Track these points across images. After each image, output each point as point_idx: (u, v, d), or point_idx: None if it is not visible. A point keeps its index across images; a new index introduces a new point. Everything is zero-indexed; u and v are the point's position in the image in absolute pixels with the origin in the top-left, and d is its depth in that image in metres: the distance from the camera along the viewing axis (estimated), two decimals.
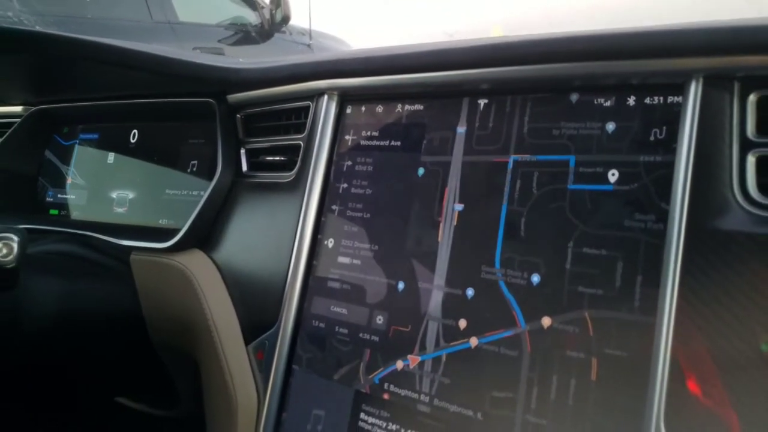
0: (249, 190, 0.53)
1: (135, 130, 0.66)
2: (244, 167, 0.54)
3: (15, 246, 0.42)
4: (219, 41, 3.28)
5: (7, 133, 0.71)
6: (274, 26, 3.40)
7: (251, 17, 3.51)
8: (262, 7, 3.45)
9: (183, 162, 0.62)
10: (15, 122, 0.72)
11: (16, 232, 0.43)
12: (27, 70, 0.64)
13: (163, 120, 0.64)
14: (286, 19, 3.37)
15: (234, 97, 0.55)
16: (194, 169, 0.61)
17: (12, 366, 0.53)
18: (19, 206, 0.71)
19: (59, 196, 0.71)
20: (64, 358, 0.56)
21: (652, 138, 0.33)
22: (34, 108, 0.71)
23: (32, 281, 0.49)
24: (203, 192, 0.55)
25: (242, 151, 0.55)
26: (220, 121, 0.55)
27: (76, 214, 0.69)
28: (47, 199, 0.72)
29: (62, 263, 0.54)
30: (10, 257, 0.42)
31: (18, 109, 0.73)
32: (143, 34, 3.00)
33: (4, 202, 0.69)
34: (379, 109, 0.45)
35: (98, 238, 0.58)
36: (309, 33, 3.60)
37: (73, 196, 0.70)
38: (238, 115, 0.55)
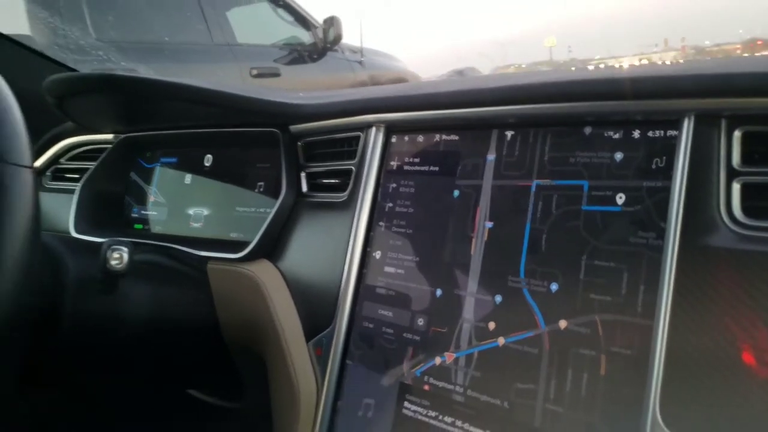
0: (308, 209, 0.60)
1: (209, 155, 0.76)
2: (304, 188, 0.62)
3: (125, 256, 0.52)
4: (275, 61, 3.42)
5: (100, 158, 0.81)
6: (327, 45, 3.53)
7: (305, 37, 3.65)
8: (316, 27, 3.58)
9: (251, 183, 0.70)
10: (107, 148, 0.82)
11: (126, 244, 0.52)
12: (117, 106, 0.75)
13: (234, 146, 0.72)
14: (338, 38, 3.49)
15: (295, 127, 0.63)
16: (261, 189, 0.69)
17: (108, 360, 0.62)
18: (110, 221, 0.81)
19: (143, 212, 0.81)
20: (148, 354, 0.65)
21: (653, 166, 0.39)
22: (122, 136, 0.81)
23: (128, 286, 0.58)
24: (269, 210, 0.64)
25: (302, 174, 0.62)
26: (284, 149, 0.63)
27: (157, 229, 0.79)
28: (132, 215, 0.82)
29: (150, 271, 0.63)
30: (121, 265, 0.51)
31: (109, 137, 0.83)
32: (205, 55, 3.18)
33: (99, 218, 0.80)
34: (420, 138, 0.52)
35: (178, 249, 0.67)
36: (360, 51, 3.71)
37: (155, 213, 0.80)
38: (299, 143, 0.63)
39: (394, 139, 0.54)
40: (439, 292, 0.47)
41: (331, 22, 3.48)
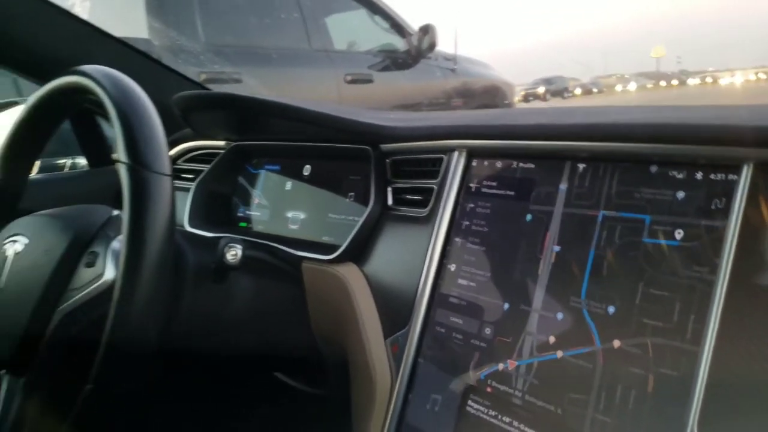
0: (392, 220, 0.67)
1: (308, 165, 0.84)
2: (390, 202, 0.68)
3: (239, 252, 0.61)
4: (369, 67, 3.54)
5: (213, 162, 0.93)
6: (420, 53, 3.59)
7: (399, 44, 3.73)
8: (411, 35, 3.66)
9: (343, 193, 0.78)
10: (219, 153, 0.93)
11: (239, 241, 0.61)
12: (232, 119, 0.86)
13: (330, 159, 0.81)
14: (432, 46, 3.55)
15: (386, 146, 0.70)
16: (351, 199, 0.77)
17: (213, 343, 0.72)
18: (218, 218, 0.92)
19: (247, 212, 0.91)
20: (247, 338, 0.74)
21: (712, 206, 0.42)
22: (233, 144, 0.92)
23: (236, 277, 0.68)
24: (358, 218, 0.71)
25: (389, 188, 0.69)
26: (374, 165, 0.70)
27: (259, 228, 0.88)
28: (238, 214, 0.93)
29: (254, 265, 0.72)
30: (236, 260, 0.61)
31: (221, 143, 0.94)
32: (304, 61, 3.34)
33: (209, 215, 0.91)
34: (499, 164, 0.57)
35: (277, 248, 0.76)
36: (454, 59, 3.75)
37: (258, 213, 0.90)
38: (388, 160, 0.70)
39: (474, 163, 0.59)
40: (506, 305, 0.52)
41: (427, 30, 3.55)
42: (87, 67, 0.59)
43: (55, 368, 0.55)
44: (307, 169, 0.84)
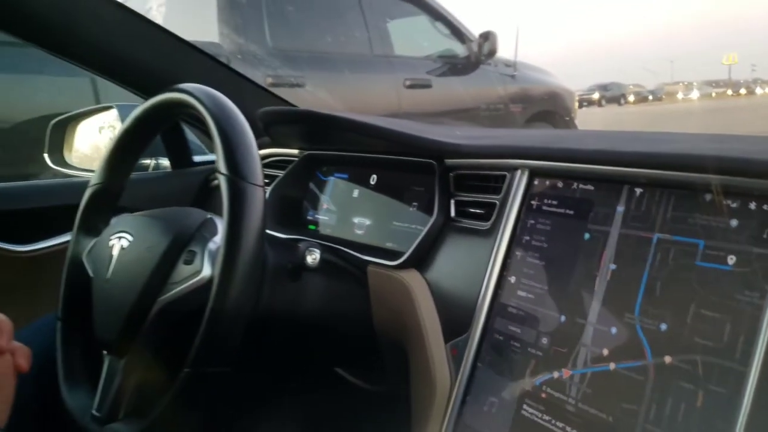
0: (454, 231, 0.72)
1: (374, 175, 0.90)
2: (453, 213, 0.73)
3: (318, 256, 0.67)
4: (428, 72, 3.59)
5: (287, 169, 0.99)
6: (480, 59, 3.61)
7: (459, 50, 3.76)
8: (471, 41, 3.67)
9: (407, 202, 0.83)
10: (293, 161, 1.00)
11: (317, 246, 0.67)
12: (306, 132, 0.92)
13: (396, 170, 0.86)
14: (492, 52, 3.57)
15: (450, 161, 0.74)
16: (415, 209, 0.82)
17: (283, 337, 0.78)
18: (290, 221, 0.99)
19: (316, 216, 0.98)
20: (314, 335, 0.80)
21: (765, 236, 0.44)
22: (306, 152, 0.99)
23: (308, 277, 0.74)
24: (421, 227, 0.76)
25: (452, 201, 0.74)
26: (438, 178, 0.75)
27: (327, 231, 0.95)
28: (308, 217, 0.99)
29: (325, 267, 0.78)
30: (315, 263, 0.67)
31: (295, 151, 1.01)
32: (365, 66, 3.42)
33: (282, 217, 0.97)
34: (559, 184, 0.61)
35: (345, 251, 0.82)
36: (514, 65, 3.75)
37: (326, 218, 0.96)
38: (451, 174, 0.75)
39: (536, 182, 0.63)
40: (562, 318, 0.56)
41: (487, 36, 3.56)
42: (189, 86, 0.66)
43: (153, 352, 0.62)
44: (373, 179, 0.90)
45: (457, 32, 3.67)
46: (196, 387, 0.56)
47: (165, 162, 1.22)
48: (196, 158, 1.22)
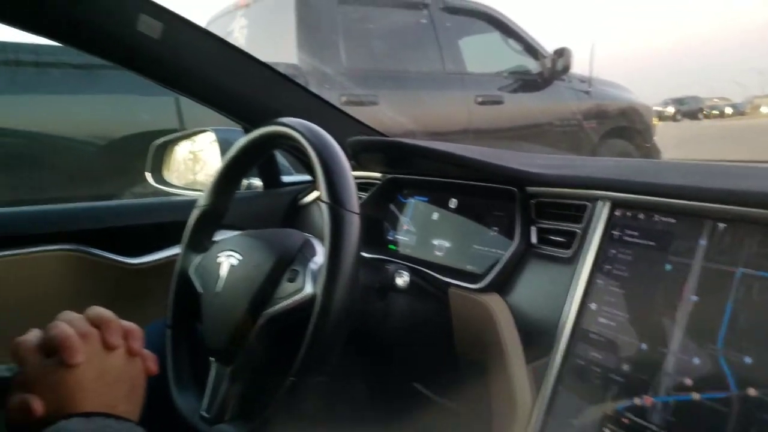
0: (535, 257, 0.75)
1: (454, 199, 0.94)
2: (533, 240, 0.76)
3: (407, 278, 0.72)
4: (499, 89, 3.60)
5: (370, 191, 1.05)
6: (554, 75, 3.58)
7: (532, 66, 3.74)
8: (545, 57, 3.65)
9: (487, 226, 0.87)
10: (375, 183, 1.06)
11: (406, 268, 0.72)
12: (390, 158, 0.98)
13: (475, 195, 0.90)
14: (566, 68, 3.53)
15: (531, 189, 0.77)
16: (495, 233, 0.85)
17: (368, 351, 0.83)
18: (372, 240, 1.04)
19: (397, 236, 1.03)
20: (396, 350, 0.85)
21: None
22: (388, 176, 1.04)
23: (393, 296, 0.79)
24: (501, 251, 0.79)
25: (533, 228, 0.77)
26: (519, 205, 0.78)
27: (407, 251, 1.00)
28: (388, 237, 1.04)
29: (410, 288, 0.83)
30: (404, 285, 0.72)
31: (378, 175, 1.07)
32: (437, 83, 3.47)
33: (367, 238, 1.03)
34: (641, 215, 0.63)
35: (426, 272, 0.86)
36: (589, 81, 3.70)
37: (406, 239, 1.01)
38: (532, 201, 0.78)
39: (617, 213, 0.65)
40: (643, 345, 0.58)
41: (561, 53, 3.54)
42: (291, 120, 0.73)
43: (257, 360, 0.69)
44: (453, 203, 0.94)
45: (530, 48, 3.66)
46: (298, 394, 0.62)
47: (257, 182, 1.31)
48: (285, 179, 1.31)
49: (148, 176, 1.47)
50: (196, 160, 1.45)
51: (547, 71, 3.54)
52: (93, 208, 1.28)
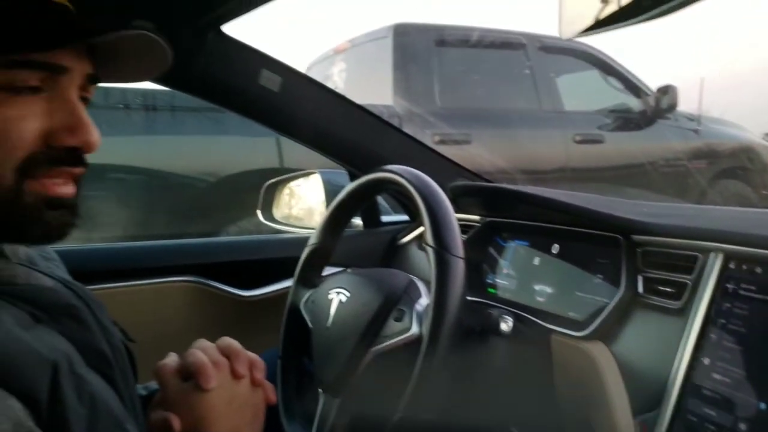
0: (642, 307, 0.73)
1: (556, 244, 0.94)
2: (640, 289, 0.75)
3: (511, 324, 0.74)
4: (598, 127, 3.51)
5: (469, 233, 1.08)
6: (658, 113, 3.45)
7: (634, 104, 3.63)
8: (647, 95, 3.54)
9: (590, 273, 0.86)
10: (474, 226, 1.09)
11: (511, 314, 0.74)
12: (491, 203, 1.01)
13: (578, 241, 0.90)
14: (672, 106, 3.40)
15: (637, 237, 0.77)
16: (599, 280, 0.84)
17: (471, 392, 0.84)
18: (471, 283, 1.06)
19: (496, 279, 1.04)
20: (493, 393, 0.85)
21: None
22: (487, 219, 1.07)
23: (494, 339, 0.80)
24: (605, 299, 0.79)
25: (640, 277, 0.76)
26: (625, 253, 0.77)
27: (507, 295, 1.00)
28: (487, 280, 1.06)
29: (512, 333, 0.84)
30: (508, 330, 0.74)
31: (477, 217, 1.10)
32: (532, 122, 3.45)
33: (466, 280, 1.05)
34: (758, 269, 0.61)
35: (529, 318, 0.87)
36: (698, 119, 3.53)
37: (506, 282, 1.02)
38: (639, 250, 0.77)
39: (731, 265, 0.64)
40: (762, 405, 0.56)
41: (666, 90, 3.42)
42: (397, 168, 0.79)
43: (364, 394, 0.73)
44: (555, 248, 0.94)
45: (632, 86, 3.56)
46: (403, 430, 0.64)
47: (357, 221, 1.38)
48: (384, 218, 1.37)
49: (259, 214, 1.58)
50: (303, 200, 1.54)
51: (651, 109, 3.42)
52: (211, 244, 1.41)
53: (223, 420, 0.55)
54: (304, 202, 1.53)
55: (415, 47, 3.31)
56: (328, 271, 0.97)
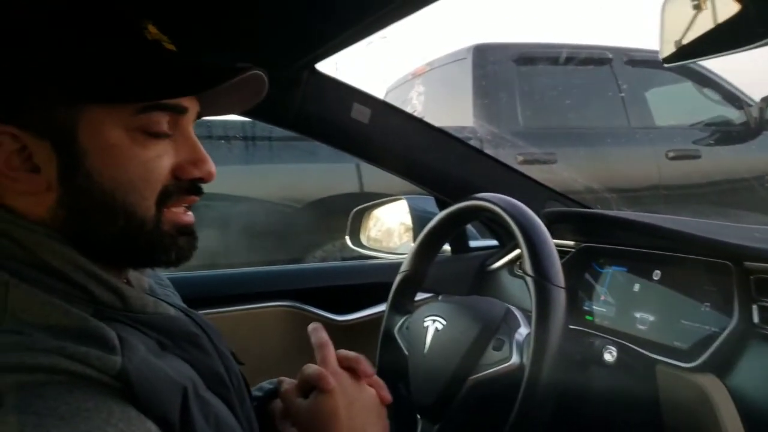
0: (758, 338, 0.69)
1: (657, 270, 0.90)
2: (755, 320, 0.71)
3: (615, 354, 0.72)
4: (694, 142, 3.32)
5: (564, 259, 1.06)
6: (763, 125, 3.23)
7: (734, 116, 3.42)
8: (750, 105, 3.32)
9: (697, 301, 0.82)
10: (569, 251, 1.07)
11: (615, 344, 0.72)
12: (587, 229, 0.98)
13: (682, 267, 0.86)
14: None
15: (749, 264, 0.73)
16: (707, 308, 0.80)
17: (572, 424, 0.82)
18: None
19: (593, 307, 1.01)
20: (599, 425, 0.82)
21: None
22: (582, 244, 1.04)
23: (595, 369, 0.78)
24: (714, 329, 0.75)
25: (754, 306, 0.72)
26: (736, 281, 0.74)
27: (605, 323, 0.97)
28: (584, 307, 1.03)
29: (616, 363, 0.81)
30: (612, 361, 0.72)
31: (571, 243, 1.08)
32: (620, 139, 3.32)
33: None
34: None
35: (632, 348, 0.84)
36: None
37: (603, 310, 0.99)
38: (752, 278, 0.73)
39: None
40: None
41: None
42: (491, 196, 0.79)
43: (462, 422, 0.73)
44: (656, 274, 0.91)
45: (731, 97, 3.35)
46: None
47: (445, 246, 1.39)
48: (472, 243, 1.37)
49: (347, 240, 1.63)
50: (390, 226, 1.58)
51: (755, 121, 3.20)
52: (306, 270, 1.46)
53: (346, 422, 0.58)
54: (392, 228, 1.56)
55: (495, 67, 3.30)
56: (419, 296, 0.98)
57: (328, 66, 1.10)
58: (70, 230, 0.50)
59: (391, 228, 1.58)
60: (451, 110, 3.42)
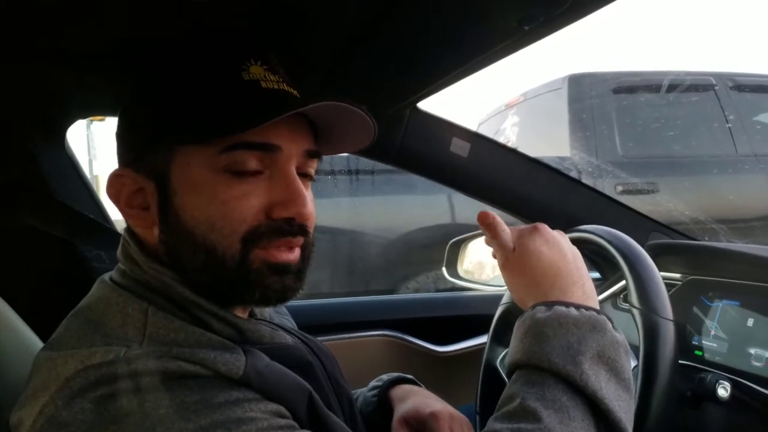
0: None
1: None
2: None
3: (729, 389, 0.71)
4: None
5: (671, 291, 1.03)
6: None
7: None
8: None
9: None
10: (674, 284, 1.04)
11: (727, 379, 0.71)
12: (694, 261, 0.96)
13: None
14: None
15: None
16: None
17: None
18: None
19: (703, 342, 0.98)
20: None
21: None
22: (689, 277, 1.02)
23: (708, 406, 0.76)
24: None
25: None
26: None
27: (717, 359, 0.93)
28: (693, 342, 1.00)
29: (730, 400, 0.78)
30: (726, 396, 0.71)
31: (678, 276, 1.05)
32: (726, 167, 3.14)
33: None
34: None
35: (747, 385, 0.80)
36: None
37: (714, 345, 0.95)
38: None
39: None
40: None
41: None
42: (595, 228, 0.81)
43: None
44: None
45: None
46: None
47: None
48: None
49: (444, 271, 1.66)
50: (487, 257, 1.60)
51: None
52: (407, 300, 1.52)
53: None
54: (483, 261, 1.58)
55: (592, 96, 3.25)
56: None
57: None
58: (171, 263, 0.54)
59: (482, 261, 1.59)
60: (547, 140, 3.39)
